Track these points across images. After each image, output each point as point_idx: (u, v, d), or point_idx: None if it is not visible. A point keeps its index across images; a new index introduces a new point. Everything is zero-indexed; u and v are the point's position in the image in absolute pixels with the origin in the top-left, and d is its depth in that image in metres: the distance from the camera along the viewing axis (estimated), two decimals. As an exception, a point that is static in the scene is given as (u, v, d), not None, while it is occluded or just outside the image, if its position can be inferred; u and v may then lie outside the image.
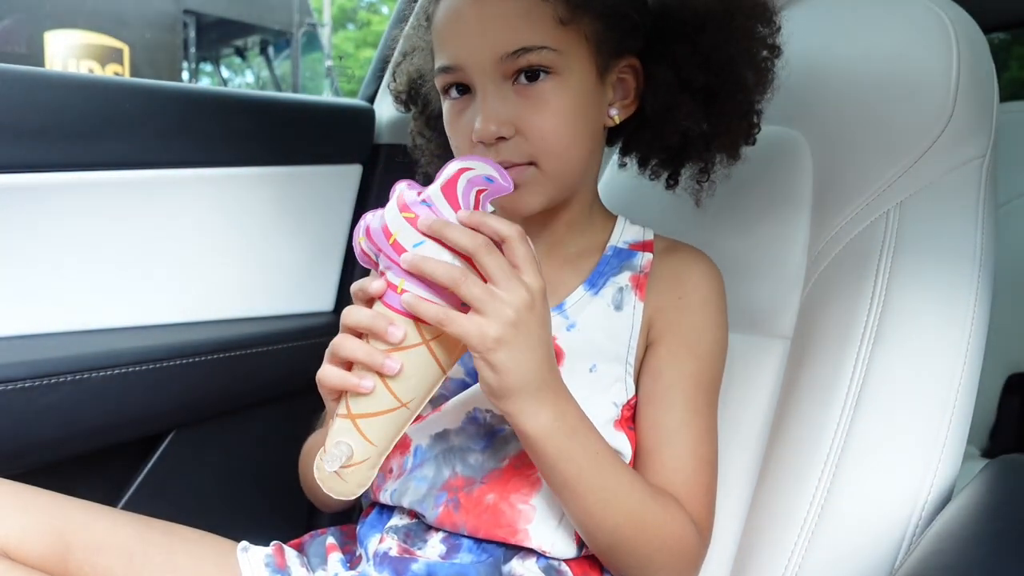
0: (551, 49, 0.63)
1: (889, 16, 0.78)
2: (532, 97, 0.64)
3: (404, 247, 0.55)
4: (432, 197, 0.56)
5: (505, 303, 0.54)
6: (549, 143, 0.65)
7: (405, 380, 0.56)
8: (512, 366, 0.55)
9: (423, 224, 0.55)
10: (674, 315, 0.70)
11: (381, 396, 0.56)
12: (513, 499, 0.65)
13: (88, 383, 0.85)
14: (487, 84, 0.64)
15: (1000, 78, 0.76)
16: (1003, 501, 0.55)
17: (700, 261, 0.74)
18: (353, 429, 0.57)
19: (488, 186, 0.57)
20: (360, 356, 0.56)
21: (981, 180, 0.71)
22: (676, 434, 0.67)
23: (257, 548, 0.71)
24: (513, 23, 0.63)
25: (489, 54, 0.63)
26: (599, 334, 0.69)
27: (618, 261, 0.73)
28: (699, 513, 0.66)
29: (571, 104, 0.65)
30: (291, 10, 7.71)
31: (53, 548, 0.63)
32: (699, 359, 0.69)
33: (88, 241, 0.90)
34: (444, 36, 0.66)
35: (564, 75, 0.64)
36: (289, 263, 1.09)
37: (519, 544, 0.65)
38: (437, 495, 0.67)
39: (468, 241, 0.54)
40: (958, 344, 0.67)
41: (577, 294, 0.71)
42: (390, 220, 0.56)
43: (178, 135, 0.95)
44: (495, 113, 0.63)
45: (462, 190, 0.56)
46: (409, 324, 0.56)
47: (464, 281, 0.54)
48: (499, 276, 0.55)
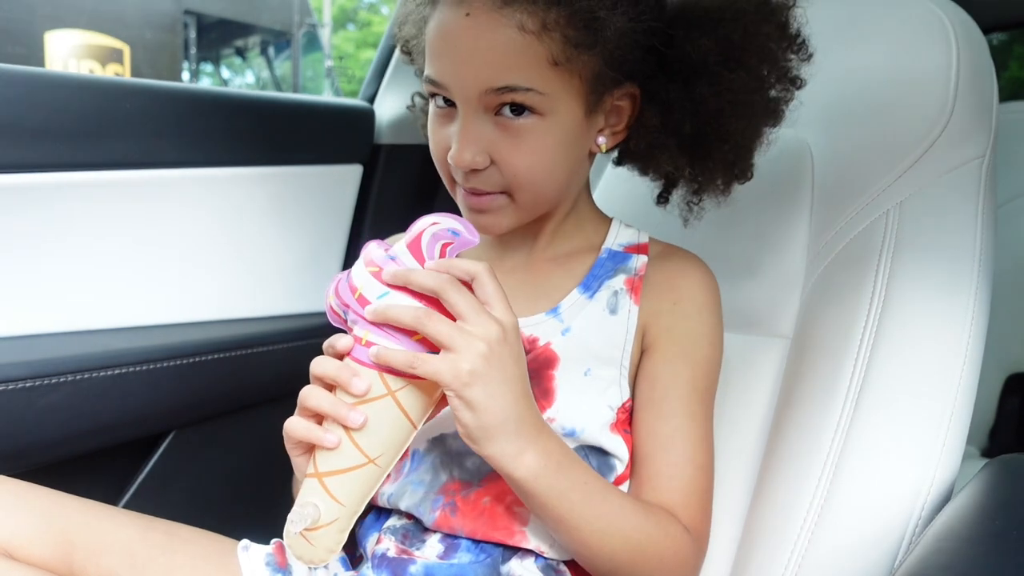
0: (537, 92, 0.61)
1: (889, 16, 0.78)
2: (511, 132, 0.63)
3: (368, 300, 0.55)
4: (398, 253, 0.56)
5: (476, 337, 0.53)
6: (522, 180, 0.64)
7: (371, 435, 0.55)
8: (489, 402, 0.54)
9: (387, 275, 0.55)
10: (670, 320, 0.70)
11: (347, 451, 0.55)
12: (509, 501, 0.65)
13: (88, 383, 0.85)
14: (468, 111, 0.63)
15: (1000, 78, 0.76)
16: (1002, 501, 0.55)
17: (696, 266, 0.73)
18: (320, 488, 0.55)
19: (454, 239, 0.57)
20: (325, 406, 0.55)
21: (981, 180, 0.71)
22: (673, 441, 0.66)
23: (258, 547, 0.71)
24: (503, 59, 0.60)
25: (473, 84, 0.62)
26: (594, 338, 0.69)
27: (613, 264, 0.73)
28: (695, 519, 0.65)
29: (552, 144, 0.64)
30: (291, 10, 7.71)
31: (57, 547, 0.63)
32: (696, 365, 0.69)
33: (88, 241, 0.90)
34: (434, 49, 0.64)
35: (548, 116, 0.63)
36: (289, 263, 1.09)
37: (517, 545, 0.65)
38: (434, 499, 0.67)
39: (433, 281, 0.54)
40: (958, 344, 0.67)
41: (572, 297, 0.71)
42: (356, 276, 0.56)
43: (178, 135, 0.95)
44: (472, 142, 0.63)
45: (427, 244, 0.56)
46: (375, 376, 0.55)
47: (430, 319, 0.53)
48: (468, 312, 0.54)
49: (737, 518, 0.75)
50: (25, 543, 0.61)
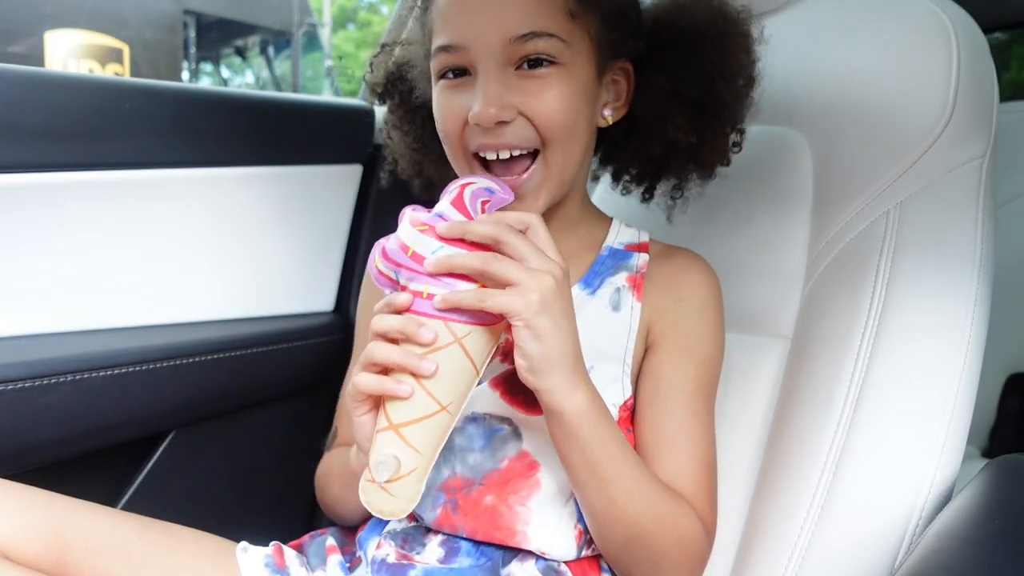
0: (559, 39, 0.63)
1: (889, 16, 0.78)
2: (536, 82, 0.64)
3: (423, 256, 0.56)
4: (444, 210, 0.58)
5: (541, 271, 0.55)
6: (554, 128, 0.64)
7: (441, 382, 0.56)
8: (555, 331, 0.56)
9: (442, 229, 0.56)
10: (673, 318, 0.70)
11: (420, 400, 0.56)
12: (511, 501, 0.65)
13: (88, 383, 0.85)
14: (490, 66, 0.63)
15: (1000, 79, 0.76)
16: (1003, 501, 0.55)
17: (697, 265, 0.74)
18: (397, 439, 0.56)
19: (491, 197, 0.59)
20: (396, 358, 0.56)
21: (981, 180, 0.71)
22: (677, 438, 0.67)
23: (256, 548, 0.71)
24: (525, 6, 0.62)
25: (497, 35, 0.62)
26: (597, 335, 0.69)
27: (614, 261, 0.73)
28: (704, 514, 0.66)
29: (573, 94, 0.65)
30: (291, 10, 7.71)
31: (52, 548, 0.63)
32: (698, 364, 0.69)
33: (88, 241, 0.90)
34: (449, 15, 0.65)
35: (568, 67, 0.64)
36: (289, 263, 1.09)
37: (517, 546, 0.65)
38: (436, 496, 0.67)
39: (492, 229, 0.56)
40: (958, 344, 0.67)
41: (573, 293, 0.71)
42: (406, 236, 0.57)
43: (178, 135, 0.95)
44: (496, 96, 0.63)
45: (469, 201, 0.58)
46: (440, 325, 0.56)
47: (497, 260, 0.55)
48: (529, 254, 0.56)
49: (738, 517, 0.75)
50: (20, 543, 0.61)
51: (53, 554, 0.63)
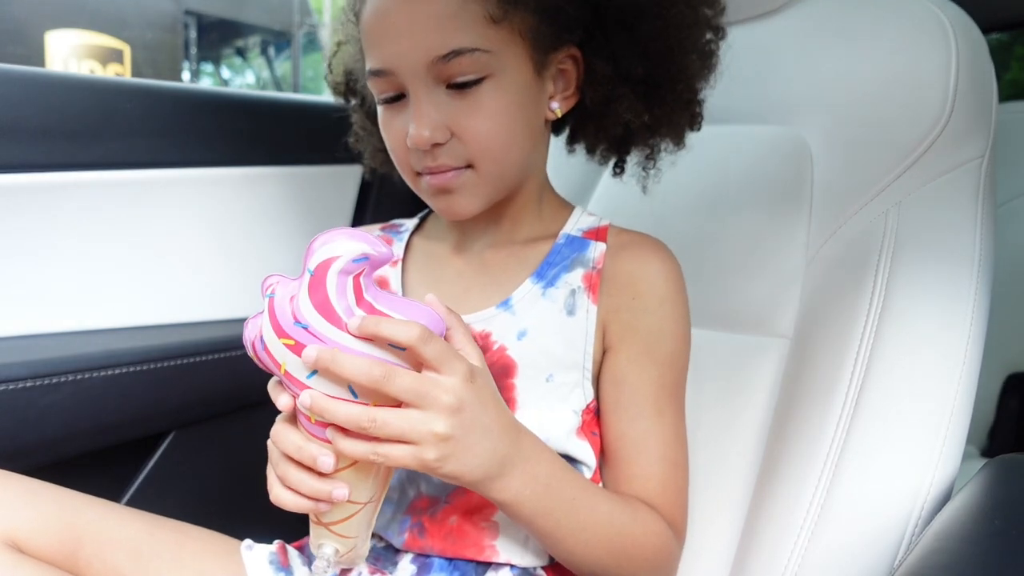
0: (483, 51, 0.61)
1: (888, 16, 0.78)
2: (467, 100, 0.62)
3: (298, 378, 0.51)
4: (306, 318, 0.49)
5: (439, 398, 0.51)
6: (485, 146, 0.63)
7: (358, 488, 0.55)
8: (464, 470, 0.53)
9: (307, 360, 0.49)
10: (629, 317, 0.68)
11: (343, 506, 0.56)
12: (476, 519, 0.65)
13: (88, 383, 0.85)
14: (419, 88, 0.62)
15: (1000, 79, 0.76)
16: (1002, 501, 0.55)
17: (655, 254, 0.70)
18: (329, 535, 0.58)
19: (363, 266, 0.49)
20: (307, 490, 0.55)
21: (980, 180, 0.71)
22: (644, 442, 0.66)
23: (261, 546, 0.71)
24: (443, 24, 0.60)
25: (420, 57, 0.61)
26: (553, 342, 0.67)
27: (570, 251, 0.70)
28: (673, 515, 0.65)
29: (507, 104, 0.63)
30: (291, 10, 7.70)
31: (64, 542, 0.63)
32: (660, 363, 0.67)
33: (88, 241, 0.90)
34: (373, 37, 0.64)
35: (499, 76, 0.62)
36: (290, 263, 1.09)
37: (488, 560, 0.64)
38: (402, 520, 0.67)
39: (366, 368, 0.50)
40: (957, 344, 0.67)
41: (524, 288, 0.69)
42: (273, 348, 0.51)
43: (178, 135, 0.95)
44: (429, 119, 0.62)
45: (335, 290, 0.49)
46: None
47: (383, 424, 0.51)
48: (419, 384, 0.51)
49: (737, 518, 0.75)
50: (32, 536, 0.61)
51: (65, 547, 0.63)
